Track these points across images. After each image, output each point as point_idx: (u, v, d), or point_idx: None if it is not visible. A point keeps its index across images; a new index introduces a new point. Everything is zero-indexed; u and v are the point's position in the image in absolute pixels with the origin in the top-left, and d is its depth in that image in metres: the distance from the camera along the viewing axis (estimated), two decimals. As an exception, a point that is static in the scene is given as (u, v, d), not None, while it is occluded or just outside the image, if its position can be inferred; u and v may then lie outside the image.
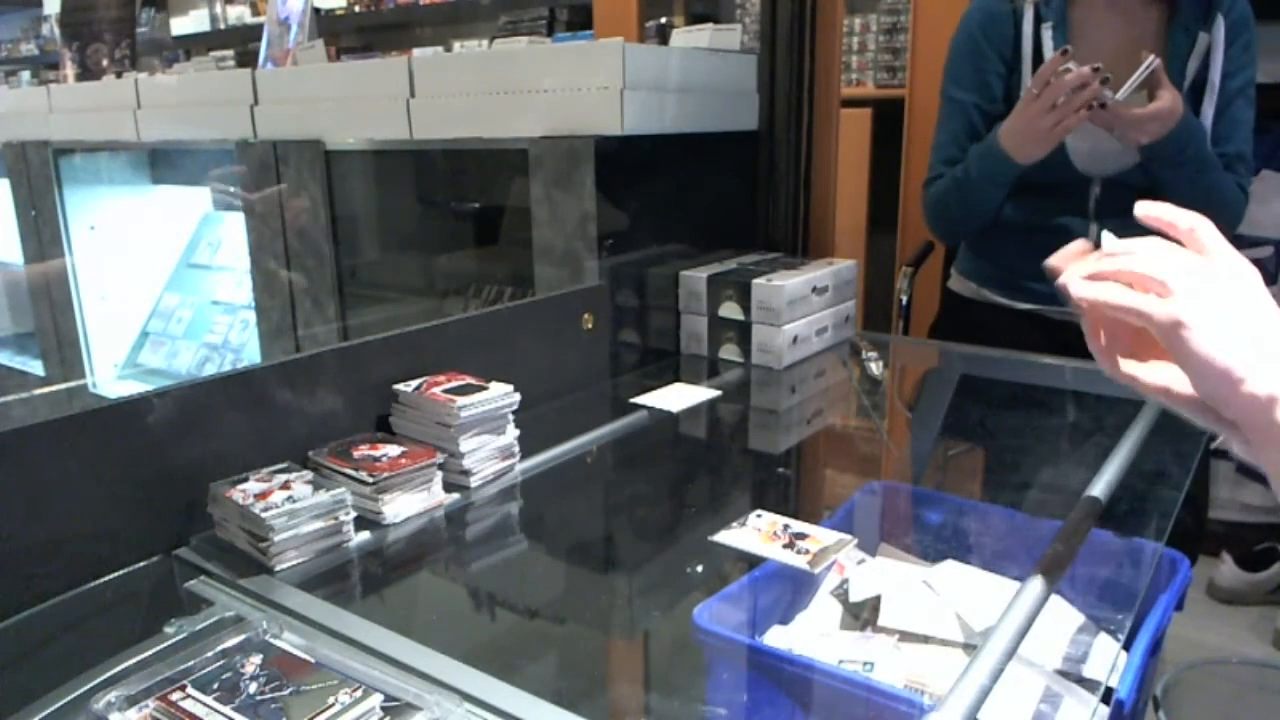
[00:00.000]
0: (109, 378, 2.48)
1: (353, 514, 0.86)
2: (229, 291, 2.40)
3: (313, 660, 0.63)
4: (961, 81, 1.56)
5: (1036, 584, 0.71)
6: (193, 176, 2.34)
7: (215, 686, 0.60)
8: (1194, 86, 1.44)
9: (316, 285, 1.83)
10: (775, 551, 0.81)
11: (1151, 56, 1.33)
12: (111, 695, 0.58)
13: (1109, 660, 0.74)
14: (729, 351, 1.47)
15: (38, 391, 2.52)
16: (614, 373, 1.40)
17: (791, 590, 0.84)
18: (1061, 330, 1.64)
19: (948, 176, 1.55)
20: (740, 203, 1.69)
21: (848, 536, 0.82)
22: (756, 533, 0.85)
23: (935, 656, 0.74)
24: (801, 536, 0.84)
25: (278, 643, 0.66)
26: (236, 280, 2.37)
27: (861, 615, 0.81)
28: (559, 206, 1.38)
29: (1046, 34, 1.47)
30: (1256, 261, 2.51)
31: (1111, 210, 1.52)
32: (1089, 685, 0.71)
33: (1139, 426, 1.11)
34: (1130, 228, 1.64)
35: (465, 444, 0.97)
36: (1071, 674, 0.73)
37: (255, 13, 4.73)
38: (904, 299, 1.90)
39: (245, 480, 0.86)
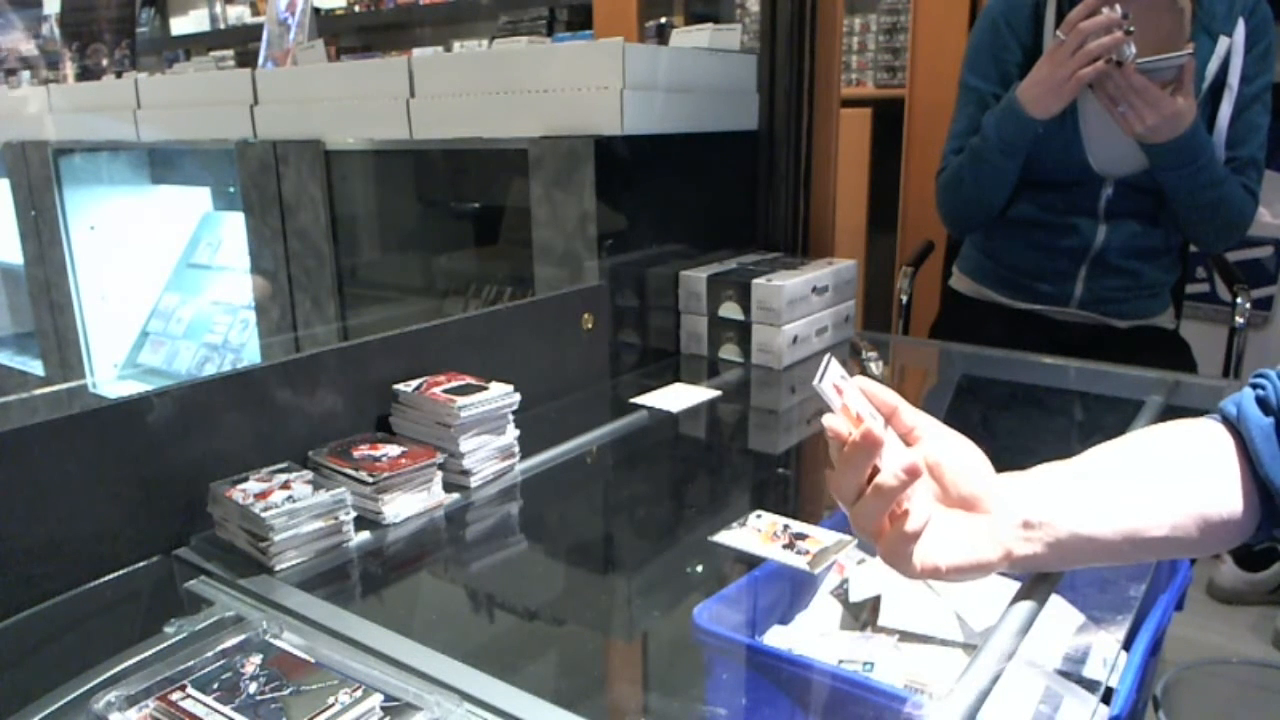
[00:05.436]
0: (109, 378, 2.48)
1: (353, 514, 0.86)
2: (229, 291, 2.40)
3: (313, 660, 0.63)
4: (981, 71, 1.55)
5: (1037, 584, 0.71)
6: (193, 176, 2.34)
7: (215, 686, 0.60)
8: (1213, 89, 1.44)
9: (316, 285, 1.83)
10: (775, 552, 0.81)
11: (1190, 49, 1.32)
12: (111, 695, 0.58)
13: (1109, 660, 0.74)
14: (729, 351, 1.47)
15: (38, 391, 2.52)
16: (614, 373, 1.39)
17: (791, 590, 0.84)
18: (1061, 330, 1.64)
19: (964, 151, 1.54)
20: (740, 203, 1.69)
21: (848, 536, 0.82)
22: (756, 533, 0.85)
23: (935, 656, 0.74)
24: (801, 536, 0.84)
25: (278, 643, 0.66)
26: (236, 280, 2.37)
27: (861, 615, 0.81)
28: (559, 206, 1.38)
29: None
30: (1256, 262, 2.49)
31: (1121, 212, 1.52)
32: (1089, 685, 0.71)
33: (1139, 427, 1.11)
34: (1136, 230, 1.64)
35: (465, 444, 0.97)
36: (1071, 674, 0.73)
37: (255, 13, 4.73)
38: (904, 299, 1.90)
39: (245, 480, 0.86)
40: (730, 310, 1.45)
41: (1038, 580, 0.71)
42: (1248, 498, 0.66)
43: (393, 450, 0.94)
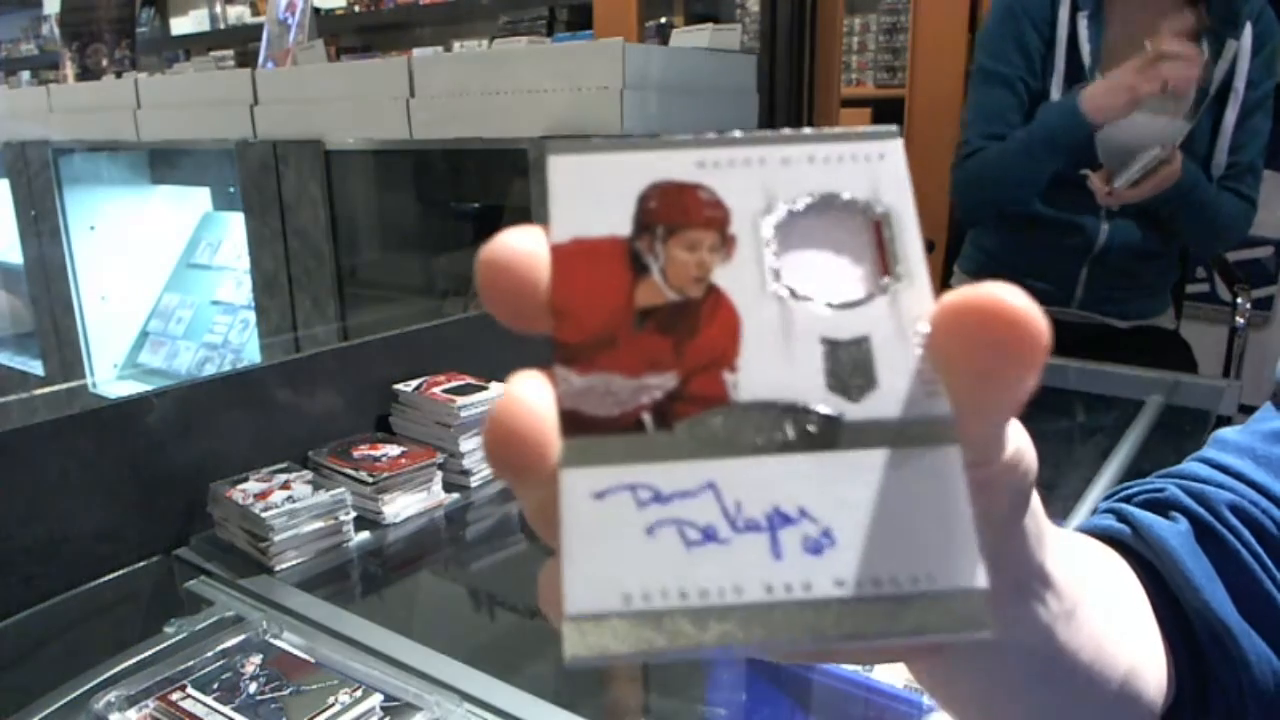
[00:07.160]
0: (109, 378, 2.48)
1: (353, 514, 0.86)
2: (229, 291, 2.40)
3: (313, 660, 0.63)
4: (1003, 55, 1.52)
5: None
6: (193, 176, 2.34)
7: (215, 686, 0.60)
8: (1218, 92, 1.43)
9: (316, 285, 1.83)
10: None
11: (1157, 150, 1.33)
12: (111, 695, 0.58)
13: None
14: (729, 351, 1.47)
15: (38, 391, 2.52)
16: (614, 373, 1.39)
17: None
18: (1062, 330, 1.62)
19: (1004, 142, 1.52)
20: (740, 203, 1.69)
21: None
22: (756, 533, 0.85)
23: (935, 656, 0.74)
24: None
25: (278, 643, 0.66)
26: (236, 280, 2.37)
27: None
28: (559, 206, 1.38)
29: (1082, 22, 1.46)
30: (1256, 262, 2.47)
31: (1124, 211, 1.51)
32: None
33: (1139, 426, 1.11)
34: (1139, 230, 1.63)
35: (465, 444, 0.97)
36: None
37: (255, 13, 4.73)
38: (904, 299, 1.89)
39: (245, 480, 0.86)
40: (730, 310, 1.44)
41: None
42: (1168, 651, 0.38)
43: (393, 450, 0.94)
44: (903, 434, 0.19)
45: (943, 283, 1.87)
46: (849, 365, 0.19)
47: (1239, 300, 1.65)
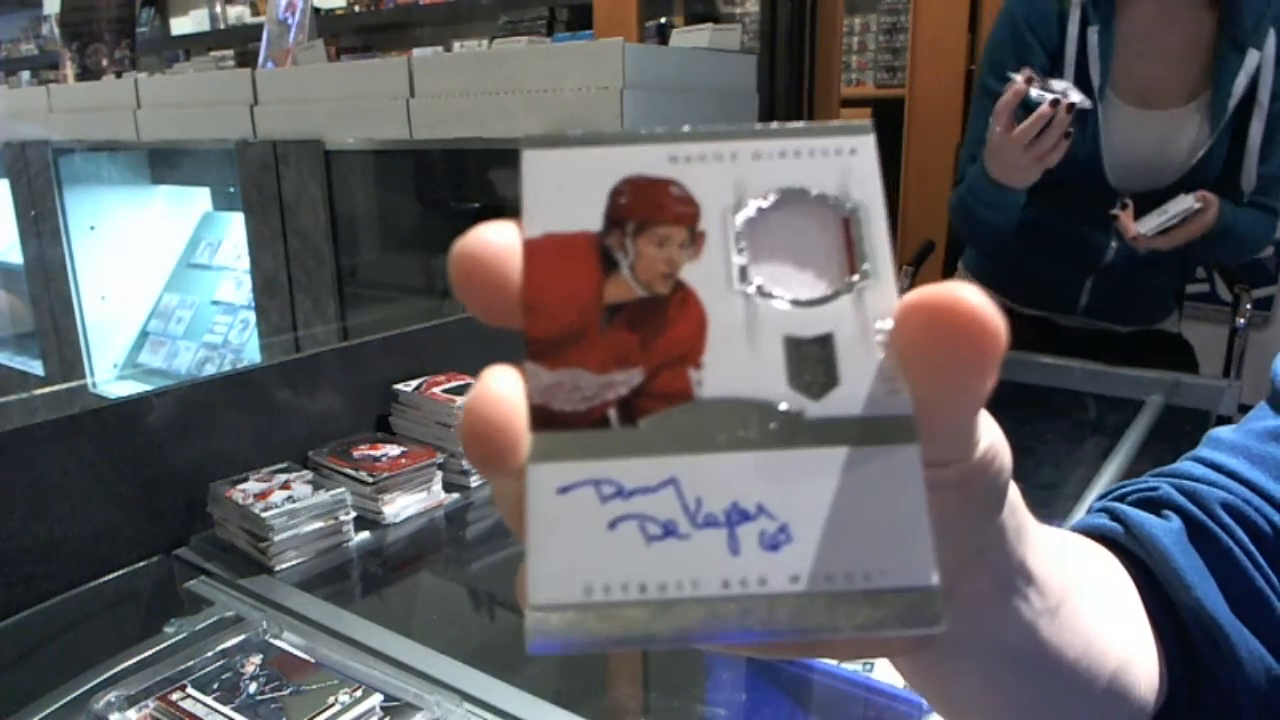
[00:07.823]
0: (109, 378, 2.48)
1: (353, 514, 0.86)
2: (229, 291, 2.40)
3: (313, 660, 0.63)
4: (1004, 73, 1.51)
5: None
6: (193, 176, 2.34)
7: (215, 686, 0.60)
8: (1242, 103, 1.40)
9: (316, 285, 1.82)
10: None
11: (1192, 201, 1.31)
12: (111, 695, 0.58)
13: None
14: (729, 351, 1.46)
15: (38, 391, 2.52)
16: (614, 373, 1.39)
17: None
18: (1065, 334, 1.62)
19: (966, 180, 1.50)
20: (740, 203, 1.69)
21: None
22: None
23: (935, 656, 0.74)
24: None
25: (278, 643, 0.66)
26: (236, 280, 2.37)
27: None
28: (559, 206, 1.38)
29: (1093, 37, 1.43)
30: (1256, 262, 2.46)
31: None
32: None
33: (1139, 427, 1.11)
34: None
35: (465, 444, 0.97)
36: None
37: (255, 13, 4.73)
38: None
39: (245, 480, 0.86)
40: (730, 310, 1.44)
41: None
42: (1161, 650, 0.37)
43: (393, 450, 0.94)
44: (863, 432, 0.19)
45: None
46: (811, 363, 0.19)
47: (1239, 300, 1.65)
